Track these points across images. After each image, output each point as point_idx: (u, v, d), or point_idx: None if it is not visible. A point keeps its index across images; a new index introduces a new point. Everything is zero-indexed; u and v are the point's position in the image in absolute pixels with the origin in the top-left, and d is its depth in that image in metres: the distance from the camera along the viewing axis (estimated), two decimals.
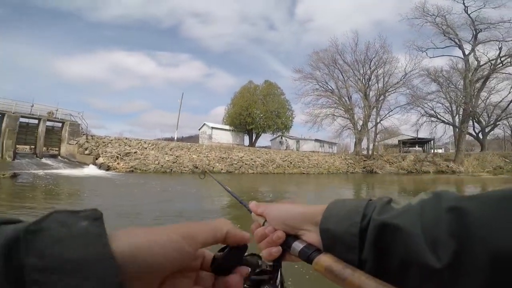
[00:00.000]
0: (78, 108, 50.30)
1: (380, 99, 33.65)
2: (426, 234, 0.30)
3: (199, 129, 40.10)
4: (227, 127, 38.45)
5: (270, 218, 0.46)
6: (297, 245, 0.41)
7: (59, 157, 20.37)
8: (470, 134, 33.94)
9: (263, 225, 0.47)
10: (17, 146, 18.91)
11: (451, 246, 0.28)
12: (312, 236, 0.41)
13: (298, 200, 0.46)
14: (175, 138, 33.42)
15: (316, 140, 42.16)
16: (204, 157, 23.68)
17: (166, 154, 22.40)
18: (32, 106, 20.40)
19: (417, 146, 41.00)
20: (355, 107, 35.38)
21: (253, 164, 25.43)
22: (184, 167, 21.45)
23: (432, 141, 37.23)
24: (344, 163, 31.39)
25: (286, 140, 42.31)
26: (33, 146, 20.69)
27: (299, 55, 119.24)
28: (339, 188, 15.07)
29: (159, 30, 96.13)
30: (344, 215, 0.38)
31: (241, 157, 25.54)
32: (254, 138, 39.88)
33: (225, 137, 36.95)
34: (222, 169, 22.93)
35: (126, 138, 23.35)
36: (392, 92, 33.42)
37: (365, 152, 34.84)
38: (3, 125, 18.06)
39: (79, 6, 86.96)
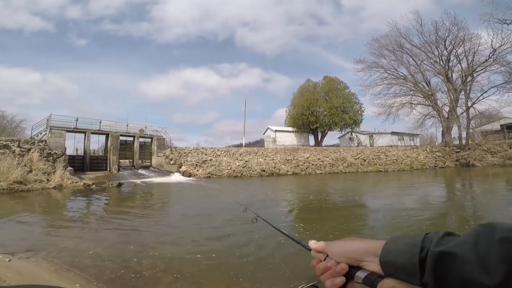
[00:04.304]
0: (162, 124, 58.17)
1: (468, 80, 28.89)
2: (480, 260, 0.36)
3: (264, 133, 41.10)
4: (290, 128, 38.08)
5: (333, 253, 0.53)
6: (361, 274, 0.48)
7: (151, 167, 23.97)
8: None
9: (324, 260, 0.53)
10: (120, 160, 23.02)
11: (502, 268, 0.33)
12: (373, 266, 0.48)
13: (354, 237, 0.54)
14: (243, 144, 35.14)
15: (393, 133, 38.07)
16: (270, 160, 24.06)
17: (237, 159, 23.70)
18: (127, 125, 24.58)
19: None
20: (437, 92, 30.88)
21: (320, 164, 24.50)
22: (252, 171, 22.28)
23: None
24: (430, 157, 27.36)
25: (357, 136, 39.46)
26: (131, 160, 24.90)
27: (359, 45, 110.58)
28: (427, 186, 13.10)
29: (217, 43, 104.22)
30: (402, 248, 0.44)
31: (307, 158, 24.94)
32: (319, 137, 38.50)
33: (288, 139, 36.75)
34: (288, 171, 22.83)
35: (202, 148, 25.81)
36: (482, 71, 28.51)
37: (457, 142, 29.86)
38: (109, 143, 22.35)
39: (146, 31, 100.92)
